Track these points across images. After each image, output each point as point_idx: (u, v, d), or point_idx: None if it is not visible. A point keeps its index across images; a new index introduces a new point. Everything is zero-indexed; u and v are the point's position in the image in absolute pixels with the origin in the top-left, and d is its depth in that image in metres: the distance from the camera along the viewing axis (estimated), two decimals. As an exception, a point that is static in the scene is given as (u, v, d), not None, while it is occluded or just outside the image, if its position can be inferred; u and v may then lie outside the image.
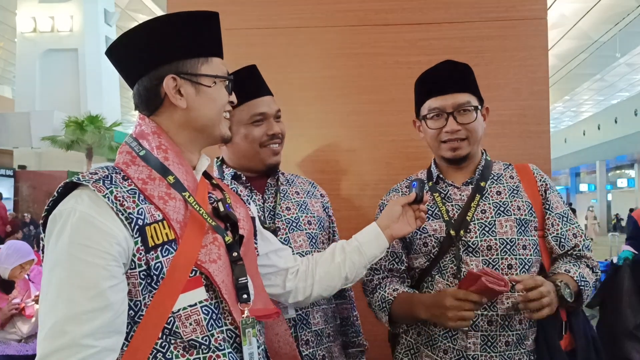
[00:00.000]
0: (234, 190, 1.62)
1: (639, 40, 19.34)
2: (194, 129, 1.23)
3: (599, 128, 23.54)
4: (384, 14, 2.45)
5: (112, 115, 18.68)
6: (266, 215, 1.77)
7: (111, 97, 21.17)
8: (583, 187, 32.92)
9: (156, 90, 1.20)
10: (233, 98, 1.29)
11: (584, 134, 25.82)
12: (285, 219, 1.77)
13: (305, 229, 1.78)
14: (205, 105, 1.22)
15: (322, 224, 1.84)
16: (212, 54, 1.25)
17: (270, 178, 1.84)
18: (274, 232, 1.74)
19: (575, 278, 1.62)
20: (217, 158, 1.89)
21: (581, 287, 1.62)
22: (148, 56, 1.20)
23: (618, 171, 29.31)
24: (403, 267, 1.80)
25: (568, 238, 1.70)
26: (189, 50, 1.21)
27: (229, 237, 1.20)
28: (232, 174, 1.80)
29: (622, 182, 28.81)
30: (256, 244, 1.39)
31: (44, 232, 1.10)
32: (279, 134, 1.77)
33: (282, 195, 1.82)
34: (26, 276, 3.71)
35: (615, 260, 8.73)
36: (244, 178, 1.80)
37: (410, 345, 1.76)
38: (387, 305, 1.71)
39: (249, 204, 1.44)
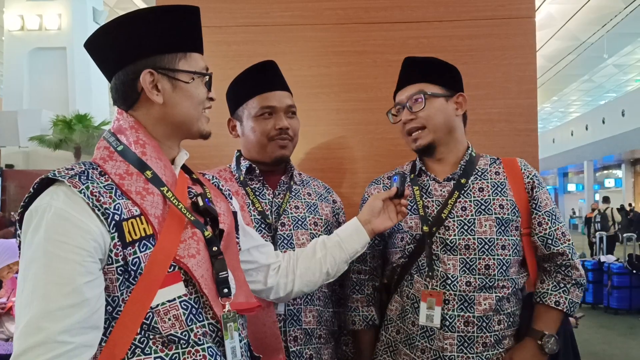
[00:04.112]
0: (242, 183, 1.63)
1: (626, 41, 19.51)
2: (171, 124, 1.23)
3: (586, 128, 23.69)
4: (373, 12, 2.46)
5: (100, 114, 18.56)
6: (272, 210, 1.78)
7: (100, 96, 21.02)
8: (571, 187, 33.16)
9: (133, 84, 1.19)
10: (213, 94, 1.28)
11: (572, 135, 25.98)
12: (291, 217, 1.78)
13: (310, 229, 1.79)
14: (182, 101, 1.22)
15: (329, 228, 1.84)
16: (191, 49, 1.24)
17: (284, 175, 1.85)
18: (275, 229, 1.74)
19: (565, 310, 1.65)
20: (237, 150, 1.91)
21: (571, 313, 1.67)
22: (125, 50, 1.18)
23: (605, 171, 29.53)
24: (375, 265, 1.86)
25: (556, 238, 1.69)
26: (167, 45, 1.20)
27: (208, 232, 1.19)
28: (247, 166, 1.81)
29: (609, 182, 29.05)
30: (238, 238, 1.38)
31: (20, 228, 1.08)
32: (286, 129, 1.77)
33: (293, 194, 1.83)
34: (15, 275, 3.68)
35: (602, 259, 8.81)
36: (258, 171, 1.81)
37: (389, 342, 1.76)
38: (352, 326, 1.82)
39: (231, 198, 1.44)
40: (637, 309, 7.92)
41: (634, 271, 7.91)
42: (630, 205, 22.43)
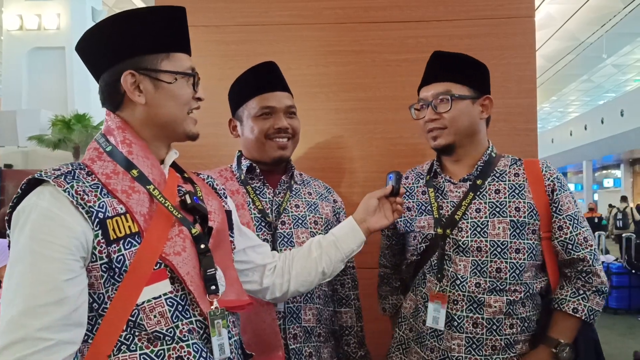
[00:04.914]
0: (243, 182, 1.66)
1: (625, 41, 19.50)
2: (155, 125, 1.23)
3: (585, 128, 23.66)
4: (372, 12, 2.46)
5: (99, 114, 18.47)
6: (273, 209, 1.78)
7: (98, 96, 21.00)
8: (570, 186, 33.18)
9: (116, 86, 1.20)
10: (201, 94, 1.28)
11: (571, 134, 25.96)
12: (292, 215, 1.78)
13: (310, 228, 1.79)
14: (165, 102, 1.22)
15: (329, 228, 1.82)
16: (175, 50, 1.24)
17: (285, 175, 1.85)
18: (275, 227, 1.74)
19: (584, 317, 1.59)
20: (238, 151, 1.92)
21: (591, 321, 1.60)
22: (109, 51, 1.20)
23: (604, 171, 29.54)
24: (393, 263, 1.91)
25: (578, 243, 1.62)
26: (149, 46, 1.21)
27: (195, 229, 1.20)
28: (248, 165, 1.81)
29: (608, 182, 29.06)
30: (232, 236, 1.38)
31: (9, 228, 1.10)
32: (286, 129, 1.78)
33: (293, 193, 1.83)
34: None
35: (602, 259, 8.80)
36: (258, 170, 1.81)
37: (402, 340, 1.76)
38: (383, 311, 1.95)
39: (226, 197, 1.44)
40: (636, 308, 7.92)
41: (633, 271, 7.92)
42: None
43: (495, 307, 1.59)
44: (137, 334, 1.09)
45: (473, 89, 1.69)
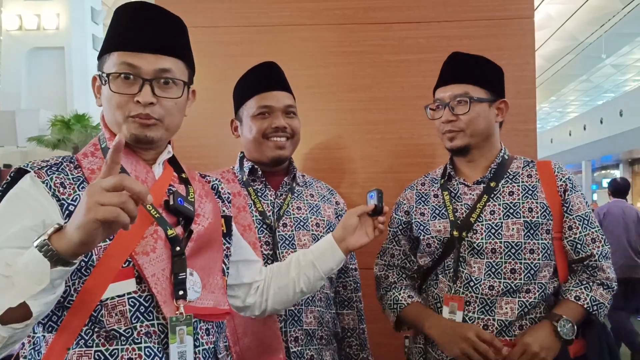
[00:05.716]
0: (245, 184, 1.67)
1: (624, 41, 19.50)
2: (108, 127, 1.25)
3: (584, 128, 23.65)
4: (372, 12, 2.46)
5: (98, 114, 18.47)
6: (274, 211, 1.77)
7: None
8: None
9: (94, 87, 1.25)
10: (139, 97, 1.16)
11: (570, 135, 25.96)
12: (293, 217, 1.77)
13: (312, 230, 1.78)
14: (104, 104, 1.22)
15: (331, 230, 1.80)
16: (117, 49, 1.19)
17: (286, 177, 1.84)
18: (275, 229, 1.74)
19: (585, 306, 1.58)
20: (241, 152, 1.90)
21: (594, 312, 1.59)
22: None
23: (604, 171, 29.52)
24: (415, 267, 1.83)
25: (585, 243, 1.63)
26: (103, 47, 1.22)
27: (172, 231, 1.17)
28: (250, 167, 1.81)
29: (607, 182, 29.07)
30: (229, 243, 1.36)
31: None
32: (284, 128, 1.76)
33: (295, 195, 1.82)
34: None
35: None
36: (260, 172, 1.80)
37: (418, 340, 1.76)
38: (399, 308, 1.75)
39: (229, 202, 1.42)
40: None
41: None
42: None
43: (506, 308, 1.59)
44: (96, 330, 1.08)
45: (490, 92, 1.69)
